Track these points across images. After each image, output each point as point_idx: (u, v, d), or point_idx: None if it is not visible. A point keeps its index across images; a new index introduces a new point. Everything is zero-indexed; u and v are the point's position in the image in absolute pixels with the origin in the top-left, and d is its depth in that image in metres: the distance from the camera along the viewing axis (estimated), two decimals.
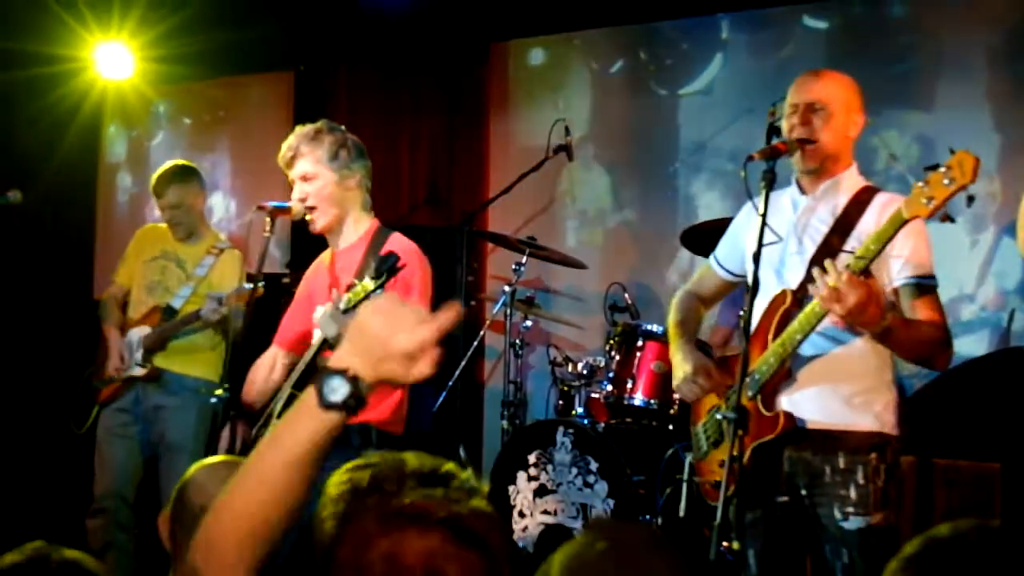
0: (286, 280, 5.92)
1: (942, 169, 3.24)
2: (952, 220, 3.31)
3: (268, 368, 4.59)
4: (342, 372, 1.83)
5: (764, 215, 3.66)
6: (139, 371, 5.94)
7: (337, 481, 1.81)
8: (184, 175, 6.12)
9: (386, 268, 3.69)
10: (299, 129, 4.32)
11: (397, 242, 4.38)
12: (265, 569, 1.83)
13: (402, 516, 1.66)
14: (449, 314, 1.85)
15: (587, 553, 1.68)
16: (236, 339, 5.67)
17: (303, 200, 4.23)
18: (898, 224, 3.37)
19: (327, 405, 1.81)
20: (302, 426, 1.83)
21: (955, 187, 3.22)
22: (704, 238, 5.77)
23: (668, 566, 1.69)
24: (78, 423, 6.14)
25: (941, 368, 3.83)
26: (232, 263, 6.05)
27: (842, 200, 3.83)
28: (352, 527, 1.68)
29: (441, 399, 6.42)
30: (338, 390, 1.82)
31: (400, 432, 4.32)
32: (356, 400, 1.82)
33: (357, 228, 4.38)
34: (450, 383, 6.40)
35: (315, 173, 4.23)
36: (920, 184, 3.29)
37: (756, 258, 3.66)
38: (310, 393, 1.84)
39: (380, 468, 1.77)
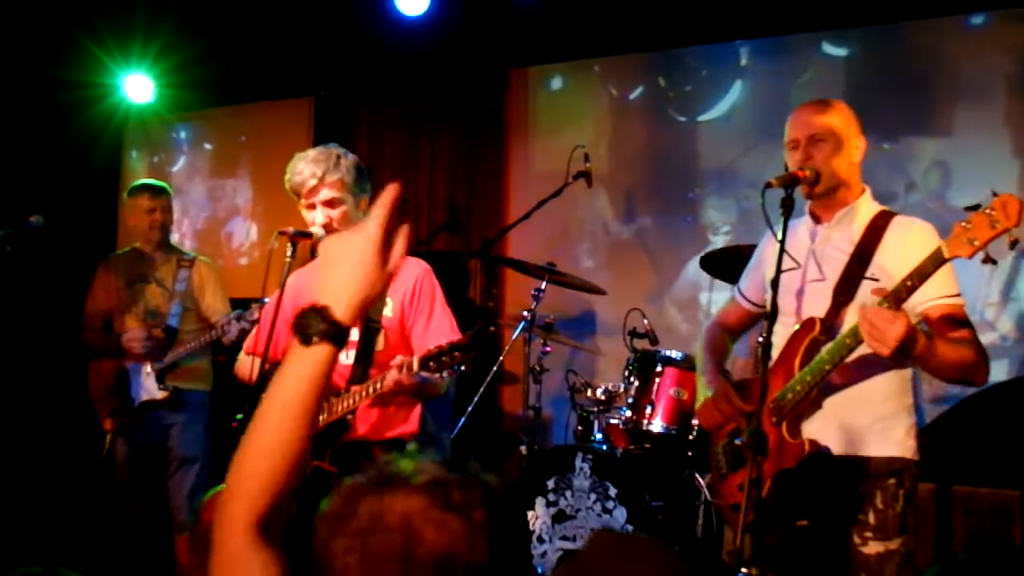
0: None
1: (986, 211, 3.24)
2: (994, 262, 3.30)
3: (250, 372, 4.51)
4: (315, 310, 2.01)
5: (782, 241, 3.66)
6: (161, 395, 6.01)
7: None
8: (168, 189, 6.51)
9: (481, 337, 3.79)
10: (314, 155, 4.28)
11: (406, 263, 4.39)
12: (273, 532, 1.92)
13: (391, 478, 1.70)
14: (388, 196, 2.06)
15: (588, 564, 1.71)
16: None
17: (327, 225, 4.22)
18: (939, 263, 3.36)
19: (305, 340, 1.98)
20: (296, 369, 1.99)
21: (999, 230, 3.22)
22: (723, 264, 5.78)
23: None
24: (96, 453, 6.23)
25: (981, 383, 3.77)
26: (207, 271, 6.36)
27: (859, 227, 3.83)
28: (345, 485, 1.74)
29: (460, 425, 6.42)
30: (313, 325, 1.99)
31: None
32: (334, 331, 2.00)
33: None
34: (469, 409, 6.39)
35: (341, 198, 4.23)
36: (963, 224, 3.28)
37: (774, 284, 3.66)
38: (294, 340, 2.00)
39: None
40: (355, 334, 4.29)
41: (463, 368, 3.86)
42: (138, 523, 6.11)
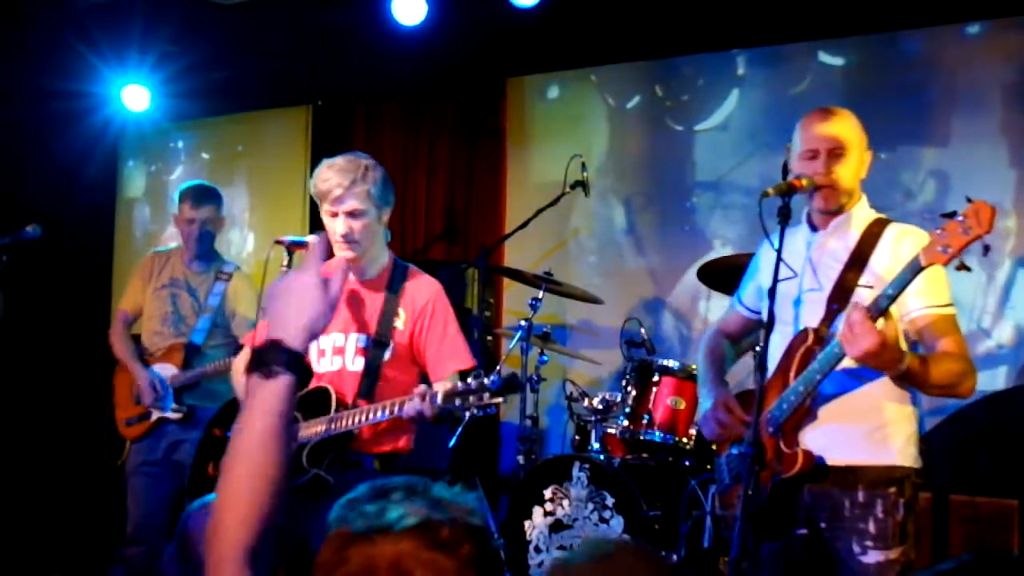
0: None
1: (959, 218, 3.25)
2: (968, 269, 3.31)
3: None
4: (271, 344, 2.09)
5: (779, 251, 3.66)
6: (175, 415, 5.97)
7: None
8: (217, 195, 6.23)
9: (512, 391, 3.81)
10: (341, 163, 4.24)
11: (419, 279, 4.40)
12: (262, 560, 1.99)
13: (379, 525, 1.72)
14: (314, 248, 2.28)
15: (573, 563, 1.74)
16: None
17: (347, 235, 4.21)
18: (916, 271, 3.37)
19: (267, 373, 2.06)
20: (258, 402, 2.06)
21: (972, 237, 3.22)
22: (720, 274, 5.78)
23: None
24: (111, 456, 6.19)
25: (966, 396, 3.80)
26: (244, 287, 6.16)
27: (854, 234, 3.84)
28: (334, 532, 1.76)
29: (457, 434, 6.41)
30: (272, 358, 2.08)
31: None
32: (291, 359, 2.08)
33: (380, 261, 4.40)
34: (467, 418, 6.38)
35: (364, 210, 4.19)
36: (937, 232, 3.30)
37: (771, 293, 3.66)
38: (255, 374, 2.08)
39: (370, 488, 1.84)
40: (363, 341, 4.31)
41: (486, 411, 3.91)
42: (138, 536, 6.09)
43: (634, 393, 5.80)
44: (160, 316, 6.13)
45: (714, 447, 4.20)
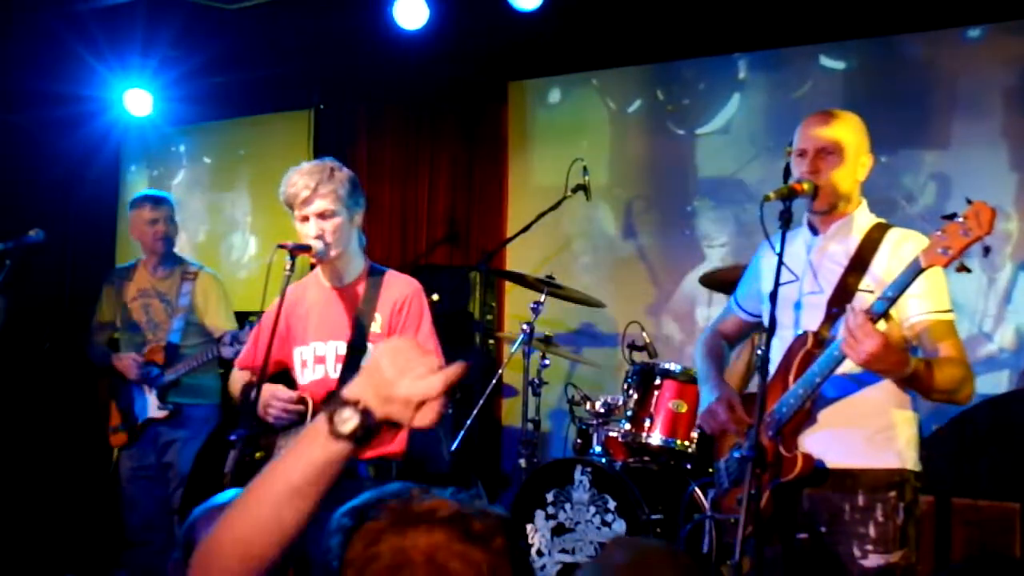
0: None
1: (959, 219, 3.24)
2: (968, 270, 3.30)
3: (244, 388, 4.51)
4: (354, 404, 1.85)
5: (781, 254, 3.66)
6: (161, 414, 6.01)
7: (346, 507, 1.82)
8: (170, 199, 6.48)
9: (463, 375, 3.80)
10: (309, 167, 4.28)
11: (397, 280, 4.40)
12: None
13: (410, 515, 1.71)
14: (456, 369, 1.88)
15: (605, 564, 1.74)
16: None
17: (319, 237, 4.22)
18: (916, 273, 3.37)
19: (337, 435, 1.83)
20: (309, 453, 1.85)
21: (972, 238, 3.22)
22: (722, 284, 5.78)
23: None
24: (99, 466, 6.24)
25: (964, 402, 3.80)
26: (210, 284, 6.30)
27: (855, 239, 3.83)
28: (363, 527, 1.72)
29: (459, 438, 6.42)
30: (349, 421, 1.83)
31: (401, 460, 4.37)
32: (365, 432, 1.84)
33: (355, 265, 4.40)
34: (468, 422, 6.39)
35: (334, 210, 4.21)
36: (937, 233, 3.29)
37: (773, 297, 3.66)
38: (321, 421, 1.85)
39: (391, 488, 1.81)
40: (343, 348, 4.30)
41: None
42: (140, 539, 6.11)
43: (636, 397, 5.80)
44: (136, 328, 6.21)
45: (716, 443, 4.19)
